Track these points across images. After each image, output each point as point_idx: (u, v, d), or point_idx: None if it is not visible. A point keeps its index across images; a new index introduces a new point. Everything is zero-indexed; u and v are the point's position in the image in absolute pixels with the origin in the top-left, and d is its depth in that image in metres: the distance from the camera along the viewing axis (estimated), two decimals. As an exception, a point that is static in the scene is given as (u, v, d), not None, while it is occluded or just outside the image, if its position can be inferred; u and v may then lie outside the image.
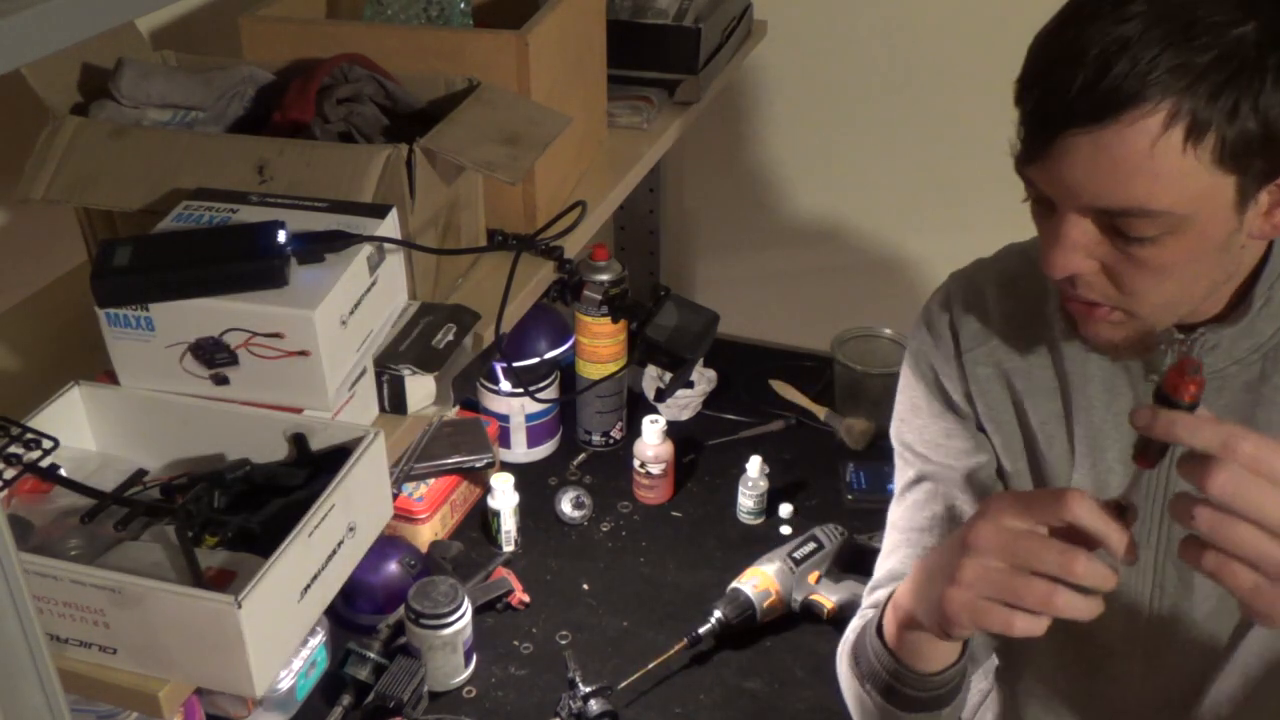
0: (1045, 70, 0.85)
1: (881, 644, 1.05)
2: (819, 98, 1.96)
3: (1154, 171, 0.82)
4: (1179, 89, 0.80)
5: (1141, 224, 0.85)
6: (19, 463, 0.82)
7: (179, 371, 0.87)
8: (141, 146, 1.00)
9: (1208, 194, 0.84)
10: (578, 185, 1.34)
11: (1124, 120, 0.81)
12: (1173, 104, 0.80)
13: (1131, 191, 0.84)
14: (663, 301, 1.19)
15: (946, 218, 1.96)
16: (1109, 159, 0.83)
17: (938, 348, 1.13)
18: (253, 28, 1.19)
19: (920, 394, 1.16)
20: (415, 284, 1.03)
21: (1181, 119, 0.81)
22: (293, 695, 1.37)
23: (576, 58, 1.29)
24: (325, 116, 1.04)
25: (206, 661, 0.75)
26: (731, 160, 2.08)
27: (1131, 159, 0.82)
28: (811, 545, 1.55)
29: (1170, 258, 0.87)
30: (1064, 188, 0.87)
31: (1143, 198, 0.84)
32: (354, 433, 0.87)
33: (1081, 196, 0.86)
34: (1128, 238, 0.86)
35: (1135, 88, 0.80)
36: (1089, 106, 0.82)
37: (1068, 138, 0.83)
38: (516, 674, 1.45)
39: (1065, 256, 0.89)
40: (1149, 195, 0.83)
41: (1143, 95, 0.80)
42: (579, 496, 1.69)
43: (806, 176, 2.04)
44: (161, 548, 0.80)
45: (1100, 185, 0.84)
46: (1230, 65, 0.80)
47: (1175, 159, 0.82)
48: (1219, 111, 0.80)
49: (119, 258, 0.85)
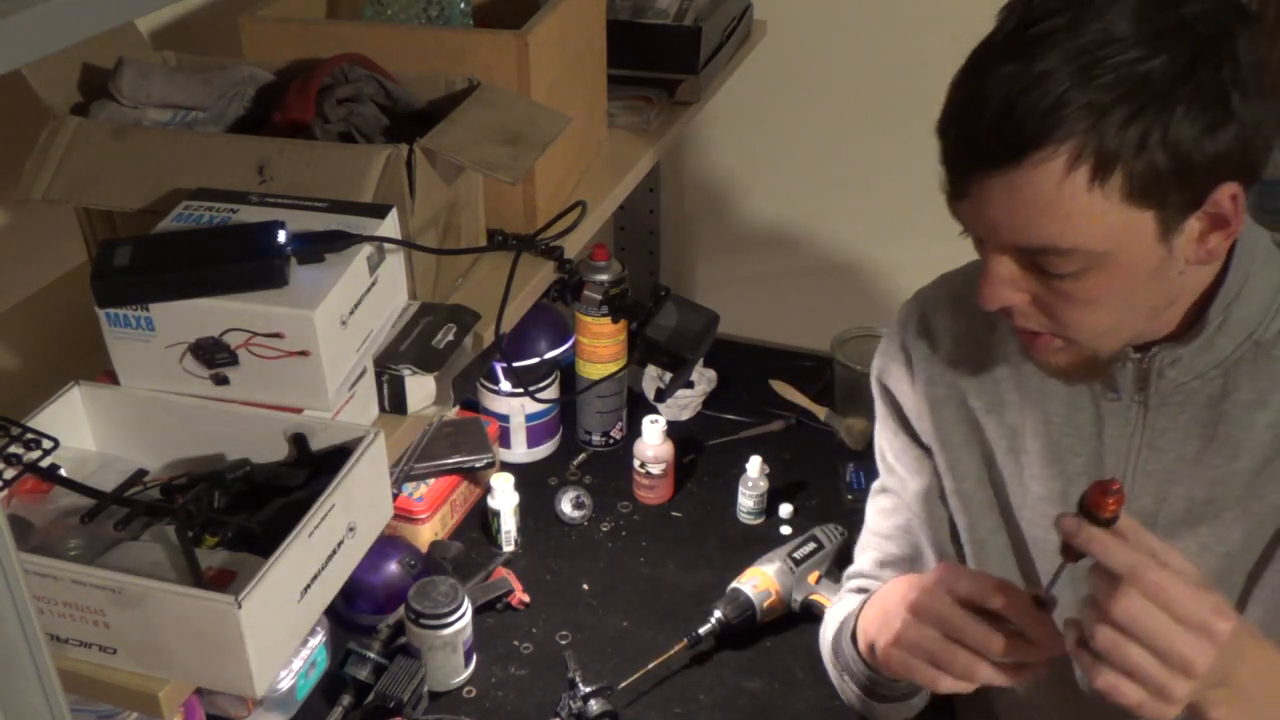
0: (956, 114, 0.87)
1: (856, 651, 1.13)
2: (819, 98, 1.96)
3: (1063, 211, 0.83)
4: (1082, 129, 0.80)
5: (1059, 261, 0.87)
6: (19, 463, 0.82)
7: (179, 371, 0.87)
8: (141, 146, 1.00)
9: (1123, 229, 0.84)
10: (578, 185, 1.34)
11: (1029, 162, 0.82)
12: (1076, 144, 0.81)
13: (1043, 231, 0.85)
14: (663, 301, 1.19)
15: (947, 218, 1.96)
16: (1020, 199, 0.84)
17: (894, 368, 1.17)
18: (253, 28, 1.19)
19: (881, 410, 1.21)
20: (415, 284, 1.03)
21: (1086, 158, 0.81)
22: (293, 695, 1.37)
23: (576, 58, 1.29)
24: (325, 116, 1.04)
25: (206, 661, 0.75)
26: (731, 160, 2.08)
27: (1040, 199, 0.83)
28: (811, 545, 1.55)
29: (1096, 291, 0.88)
30: (985, 226, 0.89)
31: (1054, 237, 0.85)
32: (354, 433, 0.87)
33: (1000, 235, 0.88)
34: (1049, 274, 0.88)
35: (1037, 129, 0.81)
36: (996, 149, 0.83)
37: (981, 179, 0.85)
38: (516, 674, 1.45)
39: (994, 290, 0.91)
40: (1060, 234, 0.85)
41: (1045, 137, 0.81)
42: (579, 496, 1.69)
43: (807, 176, 2.04)
44: (161, 548, 0.80)
45: (1014, 225, 0.86)
46: (1137, 100, 0.79)
47: (1083, 198, 0.82)
48: (1125, 147, 0.80)
49: (119, 258, 0.85)
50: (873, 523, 1.26)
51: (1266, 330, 0.94)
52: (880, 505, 1.25)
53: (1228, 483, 0.98)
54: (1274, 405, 0.95)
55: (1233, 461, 0.97)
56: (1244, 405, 0.96)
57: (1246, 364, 0.95)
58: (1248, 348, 0.95)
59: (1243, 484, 0.97)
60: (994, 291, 0.91)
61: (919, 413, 1.14)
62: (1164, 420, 0.99)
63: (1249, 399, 0.95)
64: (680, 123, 1.52)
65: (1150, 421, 0.99)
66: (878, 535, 1.24)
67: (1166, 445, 0.99)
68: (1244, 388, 0.95)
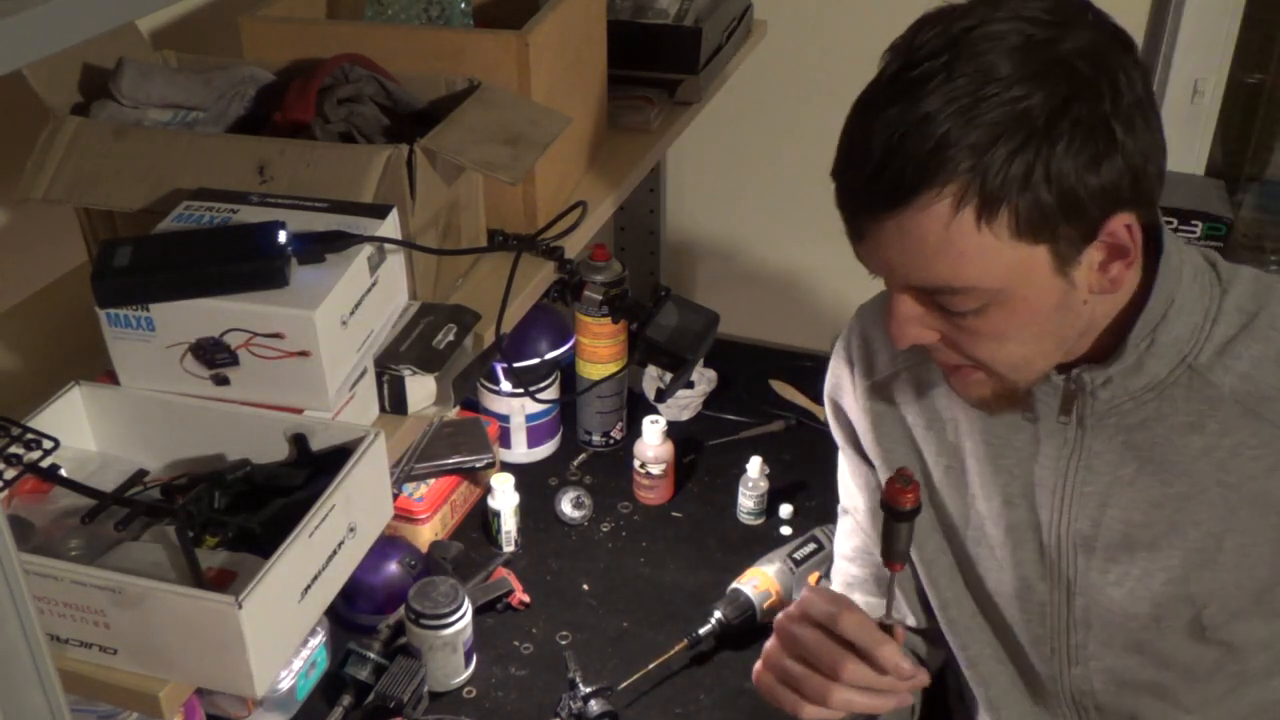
0: (845, 159, 0.88)
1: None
2: (819, 98, 1.96)
3: (955, 251, 0.83)
4: (965, 169, 0.80)
5: (957, 300, 0.87)
6: (19, 463, 0.82)
7: (179, 372, 0.87)
8: (142, 147, 1.00)
9: (1017, 265, 0.84)
10: (578, 185, 1.34)
11: (916, 205, 0.82)
12: (960, 184, 0.81)
13: (937, 271, 0.85)
14: (663, 302, 1.19)
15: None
16: (911, 241, 0.84)
17: (840, 384, 1.16)
18: (253, 28, 1.19)
19: (834, 429, 1.20)
20: (416, 284, 1.03)
21: (970, 198, 0.81)
22: (293, 695, 1.37)
23: (577, 58, 1.29)
24: (326, 116, 1.04)
25: (207, 662, 0.75)
26: (731, 160, 2.08)
27: (930, 241, 0.83)
28: (812, 546, 1.55)
29: (1000, 326, 0.88)
30: (882, 267, 0.89)
31: (948, 277, 0.85)
32: (354, 433, 0.87)
33: (897, 276, 0.89)
34: (951, 311, 0.88)
35: (920, 172, 0.81)
36: (883, 193, 0.84)
37: (872, 223, 0.86)
38: (516, 674, 1.45)
39: (901, 329, 0.91)
40: (953, 274, 0.85)
41: (929, 179, 0.81)
42: (579, 497, 1.69)
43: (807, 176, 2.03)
44: (162, 548, 0.80)
45: (909, 266, 0.86)
46: (1017, 137, 0.79)
47: (972, 238, 0.82)
48: (1009, 185, 0.80)
49: (119, 258, 0.85)
50: (837, 544, 1.26)
51: (1200, 353, 0.93)
52: (842, 527, 1.25)
53: (1163, 506, 0.96)
54: (1209, 430, 0.93)
55: (1167, 486, 0.96)
56: (1178, 429, 0.94)
57: (1181, 387, 0.93)
58: (1181, 371, 0.93)
59: (1177, 508, 0.96)
60: (901, 330, 0.92)
61: (863, 428, 1.14)
62: (1099, 442, 0.97)
63: (1183, 423, 0.94)
64: (680, 123, 1.52)
65: (1086, 443, 0.98)
66: (841, 558, 1.24)
67: (1102, 467, 0.98)
68: (1179, 411, 0.94)
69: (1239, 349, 0.92)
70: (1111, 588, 1.00)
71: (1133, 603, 1.00)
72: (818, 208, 2.30)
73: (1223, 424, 0.93)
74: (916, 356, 1.07)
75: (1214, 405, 0.93)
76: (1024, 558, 1.04)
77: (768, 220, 2.11)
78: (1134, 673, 1.03)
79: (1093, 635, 1.03)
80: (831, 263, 2.12)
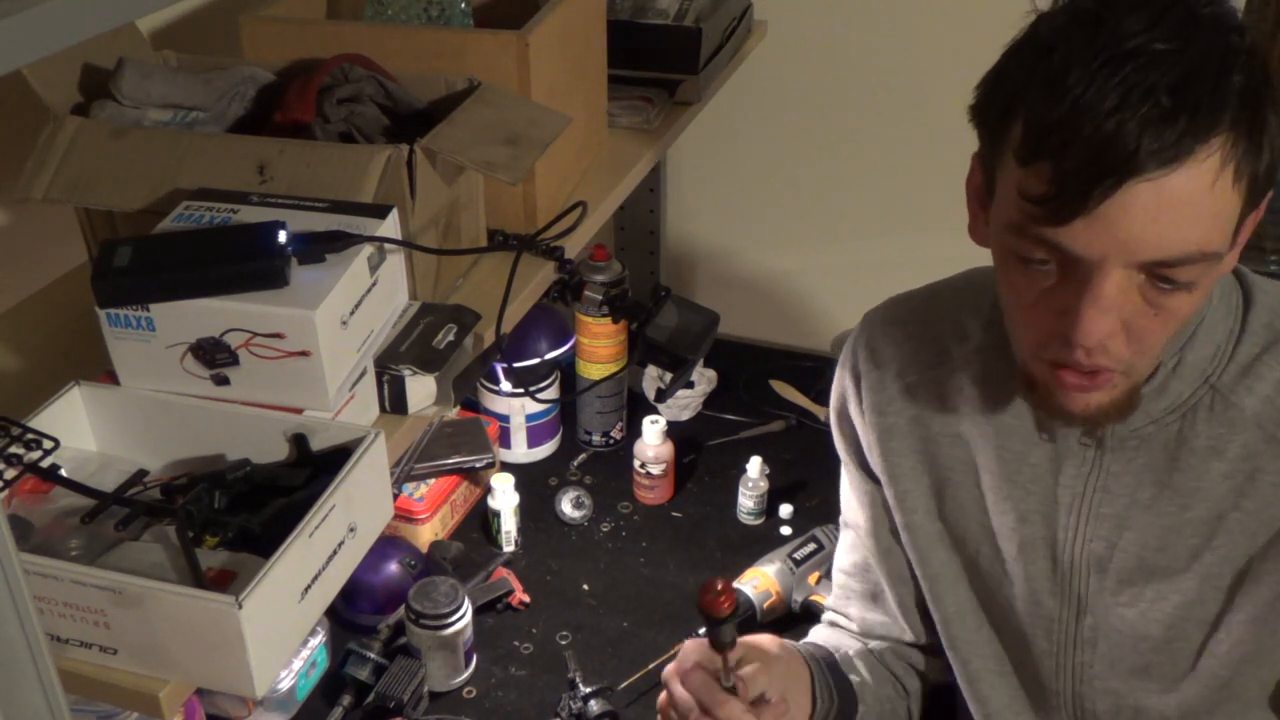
0: (1077, 119, 0.74)
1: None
2: (819, 98, 1.96)
3: (1213, 212, 0.76)
4: (1228, 122, 0.74)
5: (1191, 270, 0.78)
6: (19, 463, 0.82)
7: (179, 372, 0.87)
8: (142, 147, 1.00)
9: (1231, 234, 0.79)
10: (578, 185, 1.34)
11: (1193, 159, 0.74)
12: (1225, 139, 0.74)
13: (1190, 236, 0.76)
14: (663, 301, 1.19)
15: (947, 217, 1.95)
16: (1172, 204, 0.74)
17: (847, 395, 1.13)
18: (253, 28, 1.19)
19: (839, 442, 1.17)
20: (416, 284, 1.03)
21: (1233, 155, 0.75)
22: (293, 695, 1.37)
23: (577, 58, 1.29)
24: (326, 116, 1.04)
25: (207, 662, 0.75)
26: (731, 160, 2.08)
27: (1193, 202, 0.75)
28: (812, 546, 1.55)
29: (1191, 305, 0.81)
30: (1114, 244, 0.76)
31: (1202, 242, 0.77)
32: (354, 433, 0.87)
33: (1137, 251, 0.77)
34: (1165, 287, 0.79)
35: (1206, 125, 0.73)
36: (1158, 150, 0.73)
37: (1120, 190, 0.74)
38: (517, 674, 1.45)
39: (1104, 321, 0.79)
40: (1207, 238, 0.77)
41: (1213, 130, 0.73)
42: (579, 497, 1.69)
43: (806, 176, 2.04)
44: (162, 548, 0.80)
45: (1161, 235, 0.76)
46: (1266, 95, 0.76)
47: (1227, 197, 0.76)
48: (1257, 145, 0.76)
49: (119, 258, 0.85)
50: (837, 558, 1.24)
51: (1223, 374, 0.90)
52: (843, 541, 1.22)
53: (1181, 531, 0.94)
54: (1230, 455, 0.90)
55: (1185, 511, 0.93)
56: (1199, 453, 0.91)
57: (1203, 410, 0.91)
58: (1204, 392, 0.91)
59: (1196, 534, 0.94)
60: (1105, 322, 0.79)
61: (868, 442, 1.10)
62: (1119, 464, 0.95)
63: (1205, 446, 0.91)
64: (680, 123, 1.52)
65: (1106, 464, 0.95)
66: (840, 572, 1.22)
67: (1120, 489, 0.95)
68: (1200, 435, 0.91)
69: (1262, 370, 0.90)
70: (1123, 608, 0.99)
71: (1144, 624, 0.98)
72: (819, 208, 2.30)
73: (1244, 448, 0.90)
74: (927, 367, 1.05)
75: (1235, 428, 0.90)
76: (1035, 572, 1.02)
77: (768, 220, 2.11)
78: (1138, 696, 1.02)
79: (1099, 655, 1.02)
80: (832, 263, 2.13)
